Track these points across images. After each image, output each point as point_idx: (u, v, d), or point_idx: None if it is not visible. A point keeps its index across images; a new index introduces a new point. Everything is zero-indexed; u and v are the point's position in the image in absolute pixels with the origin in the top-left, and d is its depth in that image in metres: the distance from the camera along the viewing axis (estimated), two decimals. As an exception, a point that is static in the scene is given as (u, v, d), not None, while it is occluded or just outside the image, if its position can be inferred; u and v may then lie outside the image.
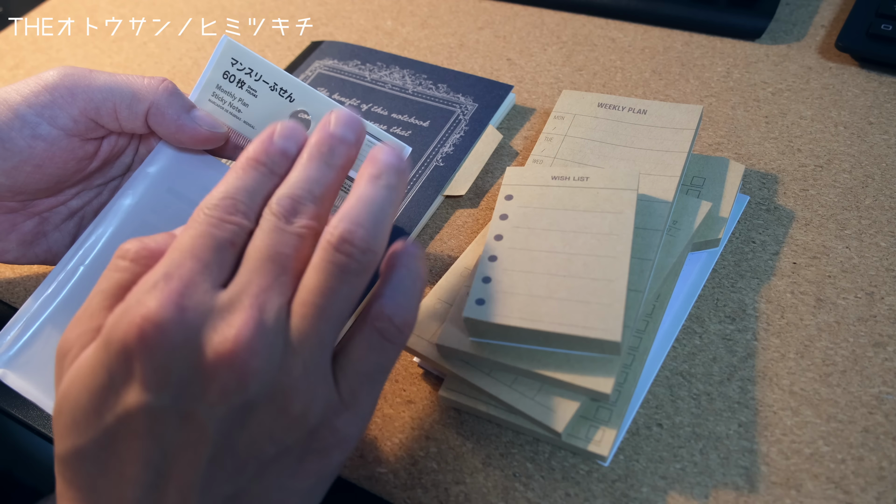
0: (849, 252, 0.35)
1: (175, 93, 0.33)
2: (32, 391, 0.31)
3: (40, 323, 0.32)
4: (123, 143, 0.36)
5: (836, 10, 0.48)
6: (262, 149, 0.27)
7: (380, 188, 0.26)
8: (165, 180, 0.35)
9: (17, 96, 0.32)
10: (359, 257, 0.24)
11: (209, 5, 0.60)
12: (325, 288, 0.24)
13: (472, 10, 0.54)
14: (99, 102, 0.32)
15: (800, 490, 0.28)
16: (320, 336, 0.24)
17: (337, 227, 0.24)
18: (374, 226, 0.24)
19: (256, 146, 0.27)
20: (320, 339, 0.24)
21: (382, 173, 0.26)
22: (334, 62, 0.49)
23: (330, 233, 0.24)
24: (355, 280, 0.24)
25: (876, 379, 0.31)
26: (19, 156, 0.32)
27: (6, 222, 0.35)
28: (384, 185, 0.26)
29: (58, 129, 0.32)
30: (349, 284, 0.24)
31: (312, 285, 0.24)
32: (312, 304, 0.23)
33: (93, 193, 0.37)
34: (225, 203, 0.25)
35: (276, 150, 0.27)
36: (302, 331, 0.23)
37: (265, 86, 0.35)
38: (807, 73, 0.44)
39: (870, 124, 0.41)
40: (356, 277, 0.24)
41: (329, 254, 0.24)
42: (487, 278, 0.31)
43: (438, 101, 0.45)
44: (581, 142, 0.38)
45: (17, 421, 0.36)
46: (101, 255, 0.33)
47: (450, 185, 0.41)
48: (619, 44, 0.49)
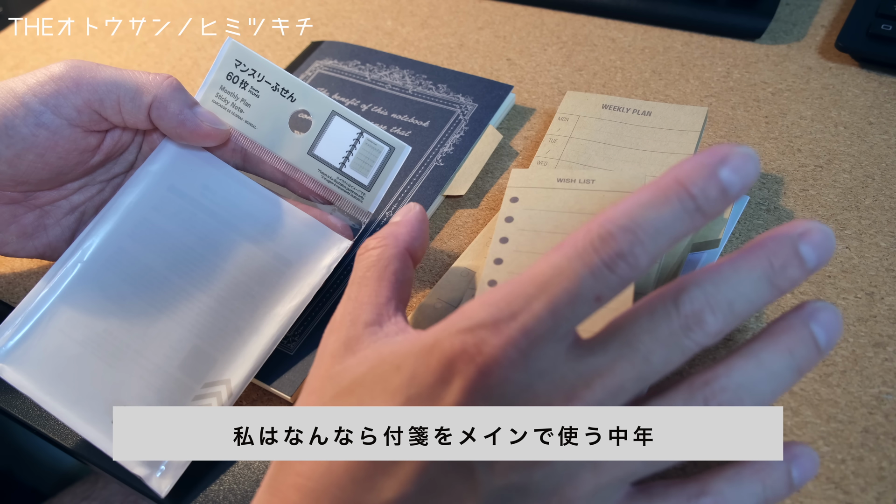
0: (849, 252, 0.35)
1: (179, 88, 0.34)
2: (28, 386, 0.31)
3: (38, 318, 0.32)
4: (127, 139, 0.36)
5: (836, 10, 0.48)
6: (698, 176, 0.20)
7: (789, 371, 0.22)
8: (167, 178, 0.35)
9: (23, 86, 0.32)
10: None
11: (209, 5, 0.60)
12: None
13: (472, 10, 0.54)
14: (103, 94, 0.33)
15: (800, 490, 0.28)
16: (629, 475, 0.22)
17: (723, 392, 0.21)
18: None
19: (690, 170, 0.20)
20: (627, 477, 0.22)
21: (797, 348, 0.22)
22: (334, 62, 0.49)
23: (710, 394, 0.21)
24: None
25: (876, 379, 0.31)
26: (22, 144, 0.32)
27: (7, 213, 0.35)
28: (795, 366, 0.22)
29: (61, 119, 0.32)
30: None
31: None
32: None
33: (95, 189, 0.37)
34: (622, 238, 0.20)
35: (715, 185, 0.20)
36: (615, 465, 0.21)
37: (267, 86, 0.35)
38: (807, 73, 0.44)
39: (870, 124, 0.41)
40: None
41: (689, 395, 0.22)
42: (493, 281, 0.31)
43: (438, 101, 0.45)
44: (586, 143, 0.38)
45: (17, 421, 0.36)
46: (99, 251, 0.33)
47: (450, 185, 0.41)
48: (619, 44, 0.49)
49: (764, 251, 0.21)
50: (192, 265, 0.33)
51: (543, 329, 0.20)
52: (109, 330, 0.32)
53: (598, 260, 0.20)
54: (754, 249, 0.21)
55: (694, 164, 0.20)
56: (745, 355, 0.22)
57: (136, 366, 0.31)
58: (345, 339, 0.25)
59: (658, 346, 0.21)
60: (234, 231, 0.34)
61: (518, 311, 0.21)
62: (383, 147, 0.35)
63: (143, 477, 0.30)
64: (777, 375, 0.22)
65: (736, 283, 0.21)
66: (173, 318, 0.32)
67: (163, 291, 0.33)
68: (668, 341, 0.21)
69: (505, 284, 0.22)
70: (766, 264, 0.21)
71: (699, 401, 0.21)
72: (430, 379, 0.21)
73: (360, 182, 0.35)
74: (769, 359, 0.22)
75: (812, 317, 0.22)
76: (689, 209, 0.20)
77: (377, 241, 0.29)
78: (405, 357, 0.23)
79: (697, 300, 0.21)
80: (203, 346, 0.32)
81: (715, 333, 0.21)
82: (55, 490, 0.52)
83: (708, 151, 0.21)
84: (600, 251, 0.20)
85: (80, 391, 0.31)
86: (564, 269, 0.20)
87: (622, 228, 0.20)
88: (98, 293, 0.33)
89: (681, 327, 0.21)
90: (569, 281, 0.20)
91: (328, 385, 0.24)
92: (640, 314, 0.21)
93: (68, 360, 0.31)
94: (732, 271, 0.21)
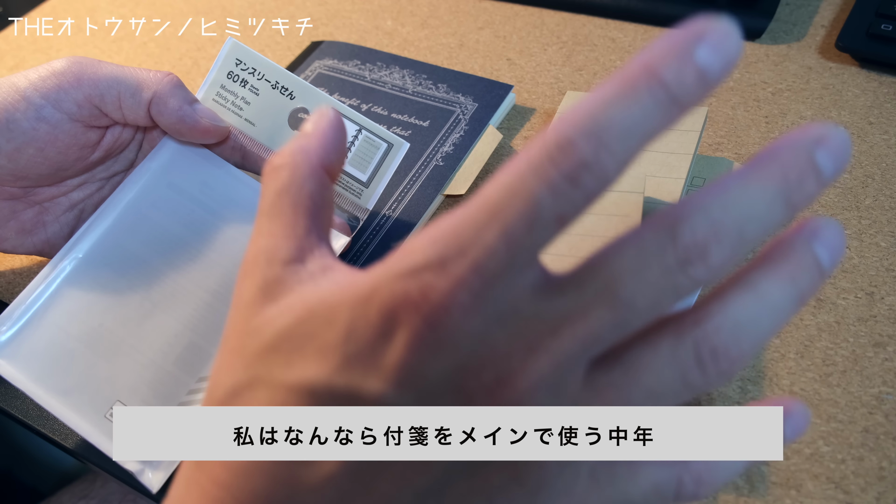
0: (849, 252, 0.35)
1: (179, 85, 0.34)
2: (23, 380, 0.31)
3: (33, 313, 0.32)
4: (127, 136, 0.36)
5: (836, 10, 0.48)
6: (671, 59, 0.17)
7: (791, 302, 0.18)
8: (166, 175, 0.35)
9: (25, 81, 0.33)
10: (714, 381, 0.18)
11: (209, 5, 0.60)
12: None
13: (472, 10, 0.54)
14: (104, 90, 0.33)
15: (800, 490, 0.28)
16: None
17: (717, 332, 0.18)
18: (752, 354, 0.19)
19: (663, 52, 0.17)
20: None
21: (800, 276, 0.18)
22: (334, 62, 0.49)
23: (702, 336, 0.18)
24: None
25: (876, 379, 0.31)
26: (22, 137, 0.32)
27: (6, 209, 0.35)
28: (797, 295, 0.18)
29: (62, 113, 0.33)
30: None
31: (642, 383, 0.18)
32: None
33: (94, 187, 0.37)
34: (584, 144, 0.17)
35: (691, 69, 0.17)
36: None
37: (267, 84, 0.35)
38: (807, 73, 0.44)
39: (870, 124, 0.41)
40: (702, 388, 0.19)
41: (686, 362, 0.18)
42: None
43: (438, 100, 0.45)
44: None
45: (17, 421, 0.36)
46: (96, 247, 0.33)
47: (450, 184, 0.41)
48: (619, 44, 0.49)
49: (777, 163, 0.18)
50: (188, 261, 0.33)
51: (498, 263, 0.17)
52: (105, 325, 0.32)
53: (557, 173, 0.17)
54: (765, 161, 0.18)
55: (665, 46, 0.17)
56: (742, 287, 0.19)
57: (131, 360, 0.31)
58: (262, 283, 0.22)
59: (645, 288, 0.17)
60: (232, 227, 0.34)
61: (467, 245, 0.17)
62: (381, 143, 0.35)
63: (135, 472, 0.30)
64: (779, 308, 0.19)
65: (747, 204, 0.17)
66: (169, 314, 0.32)
67: (158, 287, 0.33)
68: (659, 281, 0.17)
69: (451, 214, 0.18)
70: (780, 178, 0.18)
71: (688, 345, 0.18)
72: (370, 333, 0.19)
73: (358, 179, 0.35)
74: (770, 290, 0.18)
75: (815, 236, 0.19)
76: (662, 101, 0.17)
77: (285, 158, 0.24)
78: (338, 307, 0.19)
79: (700, 228, 0.17)
80: (198, 341, 0.32)
81: (719, 267, 0.17)
82: (54, 489, 0.52)
83: (681, 29, 0.17)
84: (559, 163, 0.17)
85: (74, 386, 0.31)
86: (517, 188, 0.17)
87: (584, 133, 0.17)
88: (94, 288, 0.33)
89: (677, 262, 0.17)
90: (524, 202, 0.17)
91: (248, 341, 0.21)
92: (626, 247, 0.18)
93: (63, 355, 0.31)
94: (742, 190, 0.17)
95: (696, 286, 0.18)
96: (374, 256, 0.38)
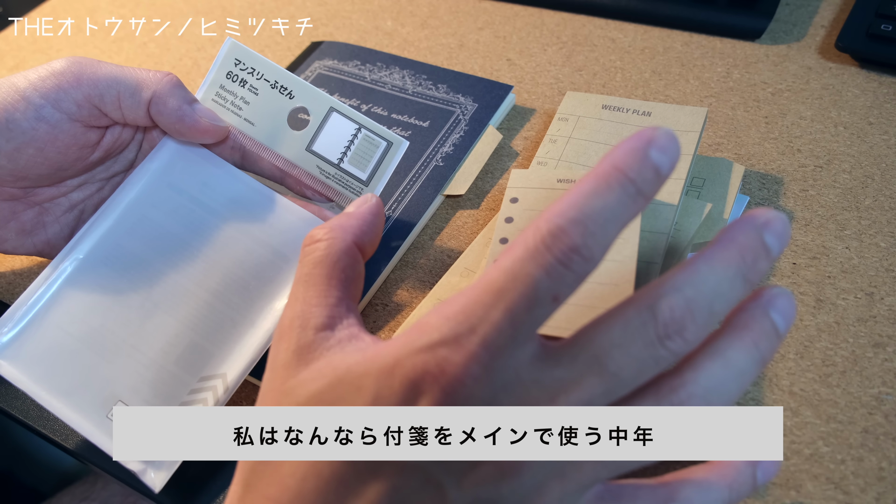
0: (848, 252, 0.35)
1: (178, 85, 0.34)
2: (25, 381, 0.31)
3: (34, 314, 0.32)
4: (127, 136, 0.36)
5: (836, 10, 0.48)
6: (632, 160, 0.20)
7: (755, 365, 0.21)
8: (166, 175, 0.35)
9: (25, 81, 0.33)
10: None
11: (209, 5, 0.60)
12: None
13: (472, 10, 0.54)
14: (103, 90, 0.33)
15: (799, 490, 0.28)
16: (593, 478, 0.22)
17: (691, 399, 0.21)
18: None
19: (624, 155, 0.20)
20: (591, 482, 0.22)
21: (762, 341, 0.21)
22: (334, 62, 0.49)
23: (677, 402, 0.21)
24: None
25: (876, 379, 0.31)
26: (22, 137, 0.32)
27: (6, 210, 0.35)
28: (760, 359, 0.21)
29: (61, 113, 0.33)
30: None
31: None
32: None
33: (95, 188, 0.37)
34: (573, 231, 0.20)
35: (649, 167, 0.20)
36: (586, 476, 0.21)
37: (266, 84, 0.35)
38: (807, 73, 0.44)
39: (870, 124, 0.41)
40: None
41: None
42: None
43: (438, 101, 0.45)
44: (586, 144, 0.38)
45: (17, 421, 0.36)
46: (97, 249, 0.33)
47: (450, 184, 0.41)
48: (619, 44, 0.49)
49: (735, 245, 0.20)
50: (189, 261, 0.33)
51: (504, 339, 0.20)
52: (106, 325, 0.32)
53: (552, 258, 0.20)
54: (725, 244, 0.20)
55: (626, 149, 0.20)
56: (711, 355, 0.21)
57: (132, 360, 0.31)
58: (295, 347, 0.24)
59: (630, 360, 0.20)
60: (232, 227, 0.34)
61: (476, 323, 0.20)
62: (381, 142, 0.35)
63: (137, 472, 0.30)
64: (744, 372, 0.21)
65: (714, 283, 0.20)
66: (170, 313, 0.32)
67: (159, 287, 0.33)
68: (641, 354, 0.20)
69: (460, 295, 0.21)
70: (739, 259, 0.20)
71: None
72: (395, 402, 0.21)
73: (358, 177, 0.35)
74: (736, 356, 0.21)
75: (771, 304, 0.22)
76: (631, 193, 0.20)
77: (324, 233, 0.27)
78: (364, 376, 0.22)
79: (678, 307, 0.20)
80: (199, 340, 0.32)
81: (694, 341, 0.20)
82: (55, 490, 0.52)
83: (634, 136, 0.20)
84: (553, 248, 0.20)
85: (76, 386, 0.31)
86: (518, 272, 0.20)
87: (572, 221, 0.20)
88: (95, 289, 0.33)
89: (657, 337, 0.20)
90: (524, 285, 0.20)
91: (284, 401, 0.24)
92: (613, 323, 0.20)
93: (64, 355, 0.31)
94: (709, 270, 0.20)
95: (675, 358, 0.20)
96: (374, 256, 0.38)
